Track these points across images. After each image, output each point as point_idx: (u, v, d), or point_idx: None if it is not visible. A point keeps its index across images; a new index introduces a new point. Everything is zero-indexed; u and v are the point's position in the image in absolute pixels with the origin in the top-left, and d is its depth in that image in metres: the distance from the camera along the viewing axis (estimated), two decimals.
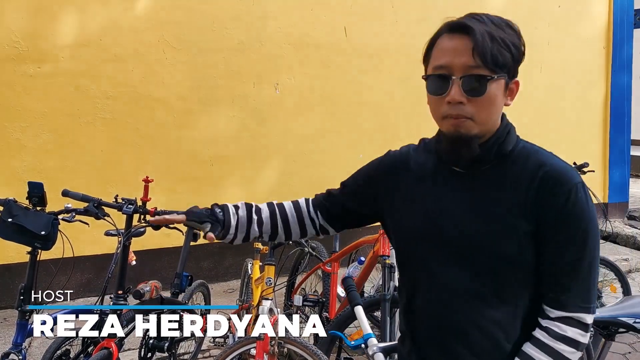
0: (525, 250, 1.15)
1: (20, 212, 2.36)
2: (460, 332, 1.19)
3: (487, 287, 1.17)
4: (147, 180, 2.74)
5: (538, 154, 1.21)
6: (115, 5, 4.31)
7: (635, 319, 1.75)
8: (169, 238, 3.42)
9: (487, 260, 1.16)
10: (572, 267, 1.15)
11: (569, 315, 1.15)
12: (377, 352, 1.71)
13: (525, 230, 1.14)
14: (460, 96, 1.12)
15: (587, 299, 1.16)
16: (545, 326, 1.16)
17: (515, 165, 1.19)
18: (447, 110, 1.14)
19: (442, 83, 1.14)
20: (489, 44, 1.12)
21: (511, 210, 1.15)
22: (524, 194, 1.15)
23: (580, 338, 1.15)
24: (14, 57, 4.04)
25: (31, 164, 4.13)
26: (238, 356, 2.35)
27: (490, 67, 1.12)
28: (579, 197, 1.14)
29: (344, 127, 5.19)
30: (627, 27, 6.58)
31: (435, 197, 1.24)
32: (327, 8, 5.04)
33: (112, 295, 2.41)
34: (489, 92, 1.13)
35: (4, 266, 4.07)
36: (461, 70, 1.12)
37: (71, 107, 4.23)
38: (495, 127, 1.21)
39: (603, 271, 4.01)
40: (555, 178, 1.14)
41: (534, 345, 1.16)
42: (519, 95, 1.24)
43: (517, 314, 1.18)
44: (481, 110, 1.14)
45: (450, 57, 1.14)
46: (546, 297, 1.18)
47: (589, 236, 1.15)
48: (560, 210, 1.13)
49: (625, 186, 6.78)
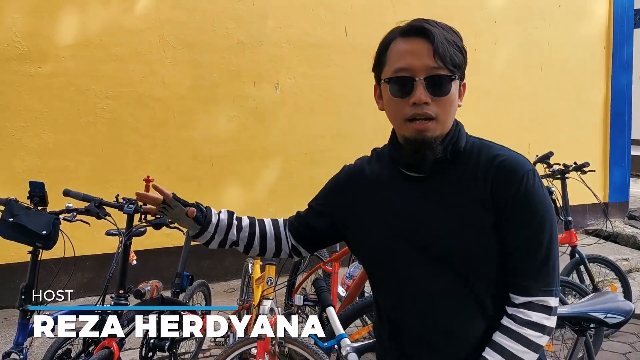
0: (493, 243, 1.18)
1: (21, 212, 2.36)
2: (443, 330, 1.22)
3: (462, 285, 1.20)
4: (147, 180, 2.74)
5: (489, 148, 1.24)
6: (116, 6, 4.31)
7: (607, 314, 1.77)
8: (170, 238, 3.43)
9: (459, 258, 1.19)
10: (531, 251, 1.17)
11: (532, 300, 1.18)
12: (351, 352, 1.71)
13: (491, 222, 1.18)
14: (426, 96, 1.14)
15: (548, 282, 1.18)
16: (511, 313, 1.19)
17: (469, 162, 1.22)
18: (411, 111, 1.16)
19: (405, 85, 1.16)
20: (447, 46, 1.16)
21: (474, 206, 1.18)
22: (482, 187, 1.18)
23: (545, 322, 1.18)
24: (15, 57, 4.05)
25: (32, 164, 4.13)
26: (239, 356, 2.35)
27: (450, 67, 1.16)
28: (532, 183, 1.17)
29: (344, 127, 5.19)
30: (628, 27, 6.58)
31: (397, 204, 1.26)
32: (328, 8, 5.05)
33: (113, 295, 2.41)
34: (452, 92, 1.17)
35: (5, 266, 4.07)
36: (424, 72, 1.15)
37: (72, 107, 4.23)
38: (449, 127, 1.23)
39: (604, 271, 4.02)
40: (509, 167, 1.17)
41: (502, 333, 1.18)
42: (520, 95, 1.26)
43: (494, 306, 1.21)
44: (444, 110, 1.17)
45: (410, 59, 1.16)
46: (510, 285, 1.21)
47: (544, 220, 1.17)
48: (515, 196, 1.16)
49: (626, 186, 6.78)
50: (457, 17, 5.63)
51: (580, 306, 1.89)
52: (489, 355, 1.17)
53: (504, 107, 5.90)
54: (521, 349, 1.16)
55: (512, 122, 5.95)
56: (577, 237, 3.66)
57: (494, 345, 1.18)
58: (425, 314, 1.23)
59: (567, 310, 1.90)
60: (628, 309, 1.79)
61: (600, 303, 1.83)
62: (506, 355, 1.16)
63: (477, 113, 5.80)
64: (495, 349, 1.17)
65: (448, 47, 1.17)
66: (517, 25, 5.98)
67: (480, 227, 1.17)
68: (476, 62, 5.73)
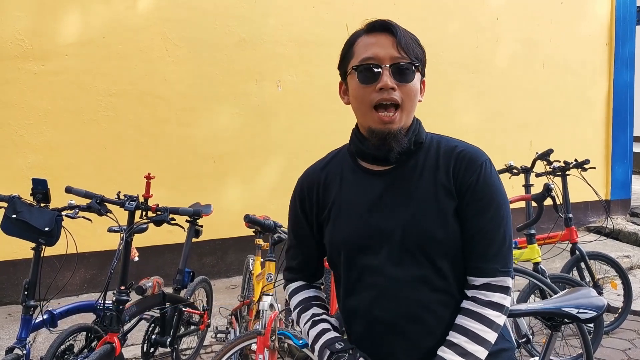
0: (455, 228, 1.24)
1: (24, 209, 2.38)
2: (414, 316, 1.26)
3: (429, 271, 1.25)
4: (149, 177, 2.77)
5: (448, 140, 1.33)
6: (118, 4, 4.33)
7: (579, 309, 1.78)
8: (171, 234, 3.45)
9: (425, 245, 1.24)
10: (487, 235, 1.24)
11: (491, 281, 1.24)
12: None
13: (452, 208, 1.24)
14: (392, 82, 1.22)
15: (505, 263, 1.25)
16: (471, 295, 1.25)
17: (429, 153, 1.30)
18: (378, 96, 1.23)
19: (371, 73, 1.24)
20: (408, 40, 1.26)
21: (437, 193, 1.25)
22: (444, 175, 1.26)
23: (504, 301, 1.24)
24: (18, 55, 4.07)
25: (35, 161, 4.16)
26: (239, 351, 2.37)
27: (412, 58, 1.25)
28: (488, 172, 1.26)
29: (345, 124, 5.18)
30: (630, 24, 6.56)
31: (363, 198, 1.31)
32: (329, 5, 5.05)
33: (114, 291, 2.44)
34: (414, 81, 1.26)
35: (9, 262, 4.10)
36: (389, 60, 1.24)
37: (74, 105, 4.26)
38: (412, 120, 1.31)
39: (604, 268, 4.02)
40: (468, 157, 1.27)
41: (464, 315, 1.24)
42: (521, 92, 1.29)
43: (459, 291, 1.27)
44: (408, 98, 1.25)
45: (376, 49, 1.25)
46: (469, 268, 1.27)
47: (500, 205, 1.26)
48: (473, 184, 1.24)
49: (628, 183, 6.77)
50: (458, 14, 5.63)
51: (553, 302, 1.90)
52: (453, 337, 1.22)
53: (506, 104, 5.90)
54: (483, 328, 1.21)
55: (514, 119, 5.95)
56: (577, 234, 3.66)
57: (457, 328, 1.24)
58: (394, 301, 1.26)
59: (540, 305, 1.92)
60: (601, 304, 1.80)
61: (573, 299, 1.84)
62: (470, 336, 1.21)
63: (479, 110, 5.80)
64: (458, 331, 1.23)
65: (410, 41, 1.26)
66: (519, 22, 5.97)
67: (444, 214, 1.24)
68: (478, 59, 5.74)
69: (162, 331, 2.88)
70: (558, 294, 1.99)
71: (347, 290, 1.36)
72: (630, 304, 3.80)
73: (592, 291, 1.90)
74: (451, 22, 5.57)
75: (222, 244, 4.78)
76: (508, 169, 3.75)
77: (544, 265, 3.37)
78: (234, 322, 2.99)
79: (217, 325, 3.42)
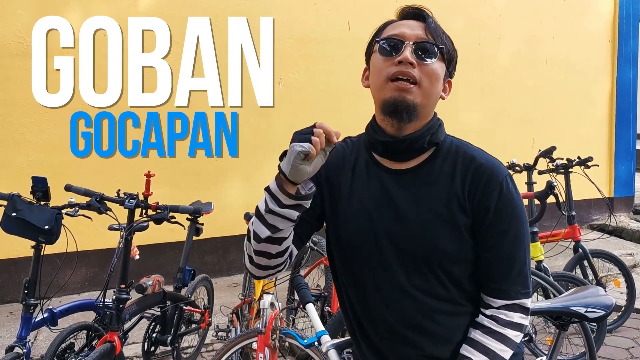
0: (465, 243, 1.20)
1: (24, 207, 2.38)
2: (418, 326, 1.23)
3: (433, 280, 1.21)
4: (148, 175, 2.76)
5: (467, 148, 1.26)
6: (118, 2, 4.32)
7: (587, 308, 1.77)
8: (172, 233, 3.43)
9: (431, 255, 1.20)
10: (510, 256, 1.21)
11: (513, 303, 1.22)
12: (331, 348, 1.70)
13: (464, 223, 1.20)
14: (412, 57, 1.18)
15: (526, 285, 1.24)
16: (491, 315, 1.23)
17: (446, 160, 1.24)
18: (395, 69, 1.18)
19: (394, 47, 1.21)
20: (439, 28, 1.24)
21: (449, 204, 1.20)
22: (459, 188, 1.20)
23: (523, 321, 1.23)
24: (19, 52, 4.06)
25: (35, 159, 4.15)
26: (240, 350, 2.36)
27: (439, 44, 1.22)
28: (509, 190, 1.21)
29: (346, 122, 5.16)
30: (633, 21, 6.53)
31: (375, 195, 1.26)
32: (331, 3, 5.03)
33: (115, 289, 2.43)
34: (435, 65, 1.21)
35: (9, 260, 4.10)
36: (414, 39, 1.21)
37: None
38: (430, 117, 1.26)
39: (607, 266, 4.00)
40: (487, 175, 1.20)
41: (485, 333, 1.22)
42: (524, 90, 1.27)
43: (462, 302, 1.25)
44: (426, 78, 1.19)
45: (404, 29, 1.22)
46: (487, 288, 1.24)
47: (521, 224, 1.22)
48: (493, 203, 1.19)
49: (631, 180, 6.75)
50: (461, 11, 5.61)
51: (560, 301, 1.88)
52: (473, 355, 1.20)
53: (508, 101, 5.87)
54: (503, 348, 1.20)
55: (517, 117, 5.92)
56: (580, 232, 3.64)
57: (476, 345, 1.21)
58: (396, 307, 1.24)
59: (547, 305, 1.90)
60: (609, 303, 1.78)
61: (581, 297, 1.82)
62: (490, 355, 1.20)
63: (481, 107, 5.78)
64: (478, 349, 1.20)
65: (440, 31, 1.24)
66: (522, 19, 5.94)
67: (453, 226, 1.20)
68: (480, 56, 5.71)
69: (163, 330, 2.87)
70: (565, 292, 1.98)
71: (349, 291, 1.33)
72: (633, 302, 3.78)
73: (600, 290, 1.88)
74: (453, 19, 5.54)
75: (223, 242, 4.77)
76: (510, 166, 3.73)
77: (546, 263, 3.35)
78: (235, 321, 2.98)
79: (218, 323, 3.41)
